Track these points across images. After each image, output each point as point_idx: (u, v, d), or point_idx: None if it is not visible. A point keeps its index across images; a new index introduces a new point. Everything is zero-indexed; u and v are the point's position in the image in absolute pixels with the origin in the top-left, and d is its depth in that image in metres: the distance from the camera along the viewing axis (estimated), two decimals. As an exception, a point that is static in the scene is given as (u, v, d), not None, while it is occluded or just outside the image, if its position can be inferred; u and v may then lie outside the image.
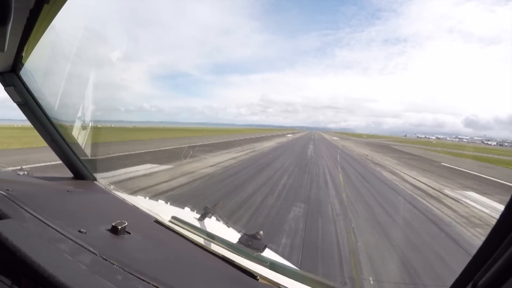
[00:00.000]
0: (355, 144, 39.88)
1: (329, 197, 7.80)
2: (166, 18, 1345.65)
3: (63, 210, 1.10)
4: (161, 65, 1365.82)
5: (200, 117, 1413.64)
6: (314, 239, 4.74)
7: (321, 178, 10.67)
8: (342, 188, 9.10)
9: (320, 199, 7.43)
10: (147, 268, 0.78)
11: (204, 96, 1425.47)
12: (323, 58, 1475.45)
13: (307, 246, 4.45)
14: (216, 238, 1.10)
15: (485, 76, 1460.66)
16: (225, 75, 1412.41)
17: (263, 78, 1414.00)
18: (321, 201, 7.24)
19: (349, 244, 4.61)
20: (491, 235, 0.46)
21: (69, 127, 1.54)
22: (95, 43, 1.68)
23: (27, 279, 0.67)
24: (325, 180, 10.33)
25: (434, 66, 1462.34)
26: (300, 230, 5.08)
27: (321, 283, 0.86)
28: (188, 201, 5.51)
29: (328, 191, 8.57)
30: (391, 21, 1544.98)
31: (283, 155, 18.32)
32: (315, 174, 11.36)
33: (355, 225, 5.58)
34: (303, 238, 4.75)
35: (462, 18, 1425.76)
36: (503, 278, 0.42)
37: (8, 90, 1.25)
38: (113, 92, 3.11)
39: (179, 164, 11.39)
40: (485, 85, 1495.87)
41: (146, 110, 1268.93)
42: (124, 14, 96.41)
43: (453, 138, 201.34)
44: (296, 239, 4.67)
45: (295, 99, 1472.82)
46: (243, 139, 32.56)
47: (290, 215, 5.94)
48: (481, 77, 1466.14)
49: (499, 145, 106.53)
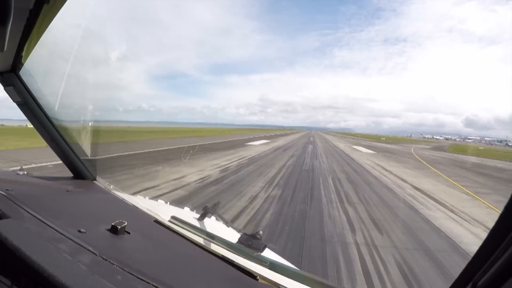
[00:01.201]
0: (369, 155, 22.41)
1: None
2: (166, 18, 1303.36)
3: (62, 210, 1.10)
4: (160, 65, 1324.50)
5: (199, 117, 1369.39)
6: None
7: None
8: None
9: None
10: (147, 268, 0.78)
11: (203, 96, 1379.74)
12: (322, 58, 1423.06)
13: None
14: (215, 238, 1.10)
15: (485, 75, 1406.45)
16: (224, 75, 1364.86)
17: (262, 78, 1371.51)
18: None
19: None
20: (491, 235, 0.46)
21: (69, 127, 1.54)
22: (95, 43, 1.68)
23: (27, 279, 0.67)
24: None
25: (434, 66, 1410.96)
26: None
27: (321, 283, 0.86)
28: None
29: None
30: (391, 21, 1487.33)
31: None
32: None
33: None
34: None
35: (462, 17, 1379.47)
36: (503, 278, 0.41)
37: (8, 90, 1.25)
38: (112, 92, 3.13)
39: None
40: (486, 84, 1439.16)
41: (144, 110, 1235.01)
42: (123, 14, 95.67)
43: (460, 138, 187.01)
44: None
45: (294, 99, 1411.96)
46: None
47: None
48: (482, 77, 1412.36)
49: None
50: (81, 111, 1.59)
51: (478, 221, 6.47)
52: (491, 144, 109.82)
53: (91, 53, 1.69)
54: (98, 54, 1.75)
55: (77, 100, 1.60)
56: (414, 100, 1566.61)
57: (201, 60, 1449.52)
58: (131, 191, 4.89)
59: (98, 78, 1.60)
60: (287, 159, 16.13)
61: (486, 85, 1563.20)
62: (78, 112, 1.59)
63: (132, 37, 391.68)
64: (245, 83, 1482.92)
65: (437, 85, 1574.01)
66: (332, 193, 8.38)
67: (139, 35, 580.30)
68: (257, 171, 11.24)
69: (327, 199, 7.57)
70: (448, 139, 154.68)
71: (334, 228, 5.41)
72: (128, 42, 44.62)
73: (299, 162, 15.03)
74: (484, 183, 12.32)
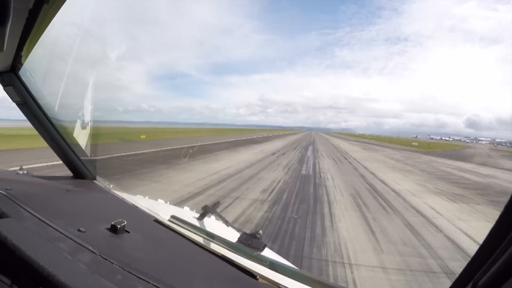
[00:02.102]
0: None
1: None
2: (166, 18, 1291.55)
3: (62, 209, 1.10)
4: (161, 65, 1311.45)
5: (199, 117, 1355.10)
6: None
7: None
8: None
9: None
10: (147, 267, 0.78)
11: (203, 97, 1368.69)
12: (323, 58, 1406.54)
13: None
14: (215, 237, 1.10)
15: (487, 75, 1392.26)
16: (224, 75, 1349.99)
17: (263, 78, 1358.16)
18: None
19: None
20: (491, 235, 0.46)
21: (69, 126, 1.54)
22: (95, 43, 1.68)
23: (27, 278, 0.67)
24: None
25: (435, 66, 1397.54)
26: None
27: (321, 282, 0.86)
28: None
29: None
30: (392, 20, 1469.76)
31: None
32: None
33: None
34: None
35: (464, 16, 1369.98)
36: (503, 278, 0.41)
37: (7, 90, 1.26)
38: (112, 92, 3.12)
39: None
40: (487, 84, 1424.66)
41: (144, 110, 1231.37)
42: (123, 14, 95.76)
43: (471, 140, 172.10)
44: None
45: (295, 99, 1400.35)
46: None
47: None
48: (483, 77, 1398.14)
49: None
50: (80, 111, 1.59)
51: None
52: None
53: (91, 53, 1.69)
54: (98, 54, 1.75)
55: (76, 100, 1.60)
56: (415, 100, 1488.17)
57: (201, 60, 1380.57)
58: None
59: (98, 78, 1.60)
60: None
61: (488, 85, 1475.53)
62: (78, 112, 1.59)
63: (132, 36, 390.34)
64: (245, 83, 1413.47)
65: (438, 85, 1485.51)
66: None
67: (139, 35, 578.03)
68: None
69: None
70: (456, 140, 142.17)
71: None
72: (128, 42, 44.90)
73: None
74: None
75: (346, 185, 10.00)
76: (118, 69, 4.70)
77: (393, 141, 77.04)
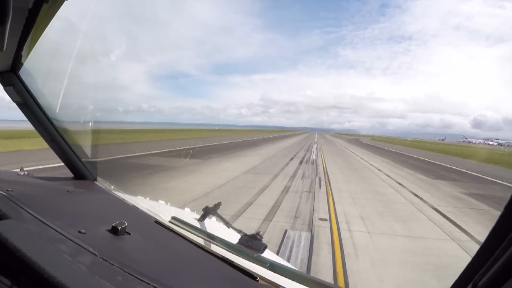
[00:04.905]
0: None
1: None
2: (167, 17, 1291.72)
3: (63, 211, 1.10)
4: (161, 65, 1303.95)
5: (201, 117, 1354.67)
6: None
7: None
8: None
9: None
10: (147, 269, 0.78)
11: (205, 97, 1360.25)
12: (326, 57, 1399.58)
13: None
14: (216, 238, 1.09)
15: (493, 74, 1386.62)
16: (226, 75, 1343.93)
17: (265, 78, 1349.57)
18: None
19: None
20: (491, 235, 0.46)
21: (69, 127, 1.53)
22: (95, 43, 1.68)
23: (27, 280, 0.67)
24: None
25: (440, 65, 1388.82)
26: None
27: (321, 284, 0.86)
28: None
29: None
30: (396, 18, 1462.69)
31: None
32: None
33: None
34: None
35: (470, 14, 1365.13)
36: (503, 278, 0.41)
37: (8, 89, 1.25)
38: (113, 92, 3.12)
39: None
40: (494, 84, 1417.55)
41: (145, 111, 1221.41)
42: (124, 13, 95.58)
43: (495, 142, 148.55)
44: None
45: (297, 99, 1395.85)
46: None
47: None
48: (489, 76, 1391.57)
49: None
50: (81, 111, 1.59)
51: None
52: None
53: (92, 53, 1.68)
54: (99, 54, 1.74)
55: (77, 100, 1.60)
56: (419, 100, 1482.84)
57: (202, 60, 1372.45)
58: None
59: (99, 78, 1.60)
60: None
61: (494, 84, 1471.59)
62: (78, 112, 1.59)
63: (133, 36, 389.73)
64: (247, 83, 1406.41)
65: (444, 85, 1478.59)
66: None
67: (140, 35, 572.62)
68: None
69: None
70: (501, 145, 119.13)
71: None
72: (129, 42, 44.76)
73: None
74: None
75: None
76: (119, 69, 4.67)
77: (420, 146, 54.85)
